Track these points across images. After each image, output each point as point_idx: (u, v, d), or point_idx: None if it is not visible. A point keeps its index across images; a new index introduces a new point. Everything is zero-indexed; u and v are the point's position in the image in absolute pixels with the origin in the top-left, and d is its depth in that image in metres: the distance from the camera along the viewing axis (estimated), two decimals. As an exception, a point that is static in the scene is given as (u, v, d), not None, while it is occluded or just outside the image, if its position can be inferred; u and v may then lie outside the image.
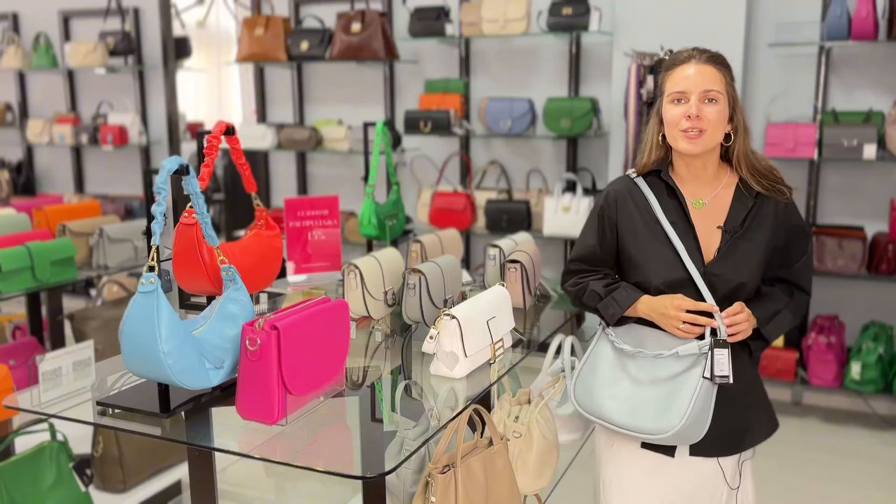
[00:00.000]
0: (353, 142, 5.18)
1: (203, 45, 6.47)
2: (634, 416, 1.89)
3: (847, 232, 4.20)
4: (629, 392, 1.92)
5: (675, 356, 1.88)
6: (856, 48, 4.23)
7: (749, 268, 1.92)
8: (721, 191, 1.97)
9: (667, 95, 1.91)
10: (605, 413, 1.95)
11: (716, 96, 1.87)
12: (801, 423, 4.26)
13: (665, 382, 1.88)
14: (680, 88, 1.88)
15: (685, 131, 1.87)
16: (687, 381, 1.85)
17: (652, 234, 1.95)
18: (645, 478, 1.99)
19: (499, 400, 2.31)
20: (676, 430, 1.83)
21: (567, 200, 4.55)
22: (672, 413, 1.84)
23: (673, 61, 1.94)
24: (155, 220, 1.57)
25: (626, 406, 1.91)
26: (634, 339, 1.96)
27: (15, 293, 3.20)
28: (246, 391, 1.60)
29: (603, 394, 1.96)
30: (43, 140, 6.23)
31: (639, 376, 1.92)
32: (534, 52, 4.92)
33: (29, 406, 1.82)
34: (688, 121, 1.86)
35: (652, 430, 1.87)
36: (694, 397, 1.83)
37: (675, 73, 1.91)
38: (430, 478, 1.76)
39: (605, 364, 1.99)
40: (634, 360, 1.94)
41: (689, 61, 1.90)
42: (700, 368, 1.85)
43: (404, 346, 2.30)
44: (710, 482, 1.98)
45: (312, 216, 2.65)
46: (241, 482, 3.32)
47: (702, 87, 1.86)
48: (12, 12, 6.50)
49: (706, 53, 1.92)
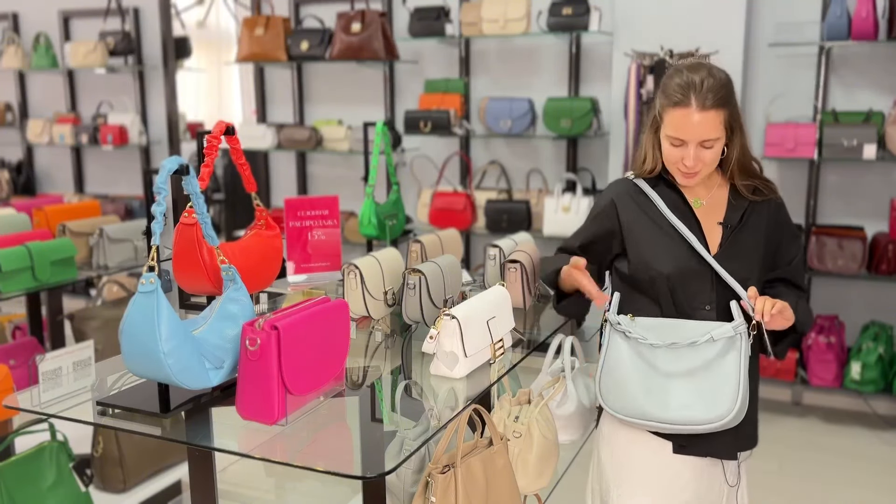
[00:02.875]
0: (353, 142, 5.19)
1: (203, 45, 6.46)
2: (683, 410, 1.86)
3: (847, 232, 4.20)
4: (668, 387, 1.89)
5: (711, 341, 1.87)
6: (856, 48, 4.23)
7: (751, 262, 1.94)
8: (717, 191, 2.00)
9: (665, 133, 1.89)
10: (649, 413, 1.90)
11: (714, 143, 1.87)
12: (801, 423, 4.26)
13: (702, 370, 1.87)
14: (679, 136, 1.85)
15: (681, 170, 1.91)
16: (726, 365, 1.85)
17: (659, 230, 1.96)
18: (664, 479, 1.99)
19: (499, 400, 2.31)
20: (735, 414, 1.83)
21: (567, 200, 4.55)
22: (722, 399, 1.84)
23: (673, 98, 1.85)
24: (155, 220, 1.56)
25: (672, 402, 1.87)
26: (658, 333, 1.93)
27: (15, 293, 3.20)
28: (246, 391, 1.59)
29: (637, 394, 1.91)
30: (43, 140, 6.23)
31: (670, 370, 1.89)
32: (534, 52, 4.92)
33: (29, 406, 1.82)
34: (685, 166, 1.88)
35: (706, 420, 1.85)
36: (741, 379, 1.84)
37: (674, 113, 1.84)
38: (430, 478, 1.76)
39: (628, 364, 1.95)
40: (661, 355, 1.91)
41: (690, 107, 1.82)
42: (736, 351, 1.85)
43: (404, 346, 2.30)
44: (712, 483, 1.99)
45: (312, 216, 2.64)
46: (241, 482, 3.32)
47: (700, 138, 1.84)
48: (12, 12, 6.50)
49: (709, 97, 1.82)
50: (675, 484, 1.98)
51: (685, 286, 1.92)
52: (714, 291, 1.92)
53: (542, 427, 2.20)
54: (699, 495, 1.99)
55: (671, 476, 1.98)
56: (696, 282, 1.91)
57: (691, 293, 1.93)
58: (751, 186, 1.98)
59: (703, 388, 1.86)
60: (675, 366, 1.90)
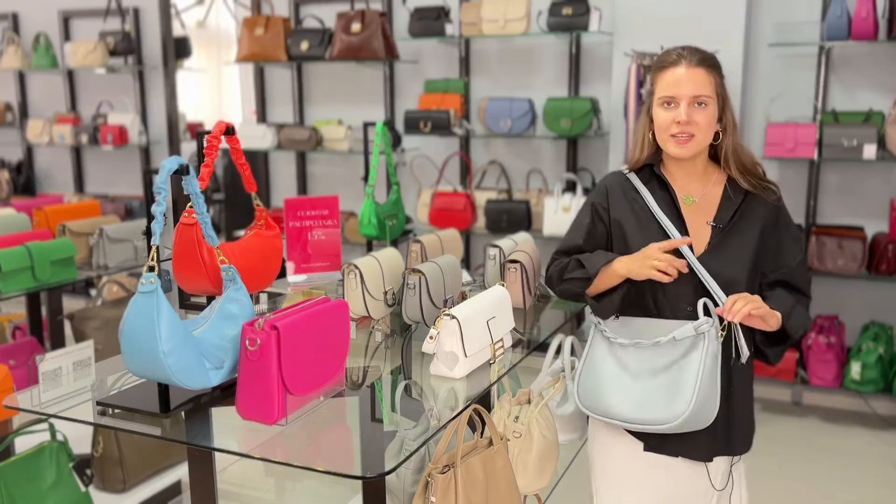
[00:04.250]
0: (353, 142, 5.19)
1: (203, 45, 6.47)
2: (642, 409, 1.88)
3: (847, 232, 4.20)
4: (632, 386, 1.91)
5: (673, 341, 1.86)
6: (856, 48, 4.23)
7: (739, 264, 1.92)
8: (710, 188, 1.99)
9: (657, 98, 1.91)
10: (613, 410, 1.93)
11: (706, 100, 1.87)
12: (801, 423, 4.26)
13: (666, 371, 1.87)
14: (670, 93, 1.87)
15: (675, 136, 1.89)
16: (688, 365, 1.85)
17: (646, 227, 1.96)
18: (638, 477, 2.00)
19: (499, 400, 2.31)
20: (686, 416, 1.81)
21: (567, 200, 4.55)
22: (679, 400, 1.83)
23: (663, 62, 1.92)
24: (155, 220, 1.56)
25: (632, 401, 1.90)
26: (629, 331, 1.95)
27: (15, 293, 3.20)
28: (246, 391, 1.59)
29: (606, 392, 1.94)
30: (43, 140, 6.23)
31: (637, 369, 1.91)
32: (534, 52, 4.92)
33: (29, 406, 1.82)
34: (678, 126, 1.87)
35: (661, 421, 1.85)
36: (699, 379, 1.82)
37: (665, 75, 1.90)
38: (430, 478, 1.76)
39: (604, 362, 1.98)
40: (631, 354, 1.93)
41: (679, 64, 1.88)
42: (699, 351, 1.84)
43: (404, 346, 2.30)
44: (695, 484, 1.98)
45: (312, 216, 2.65)
46: (241, 482, 3.32)
47: (692, 93, 1.86)
48: (12, 12, 6.50)
49: (696, 55, 1.89)
50: (652, 482, 1.98)
51: (667, 286, 1.90)
52: (697, 293, 1.90)
53: (542, 427, 2.20)
54: (678, 495, 1.98)
55: (646, 474, 1.98)
56: (678, 282, 1.89)
57: (674, 293, 1.92)
58: (751, 184, 1.97)
59: (664, 388, 1.87)
60: (641, 365, 1.91)
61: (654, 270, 1.85)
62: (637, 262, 1.89)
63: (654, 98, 1.92)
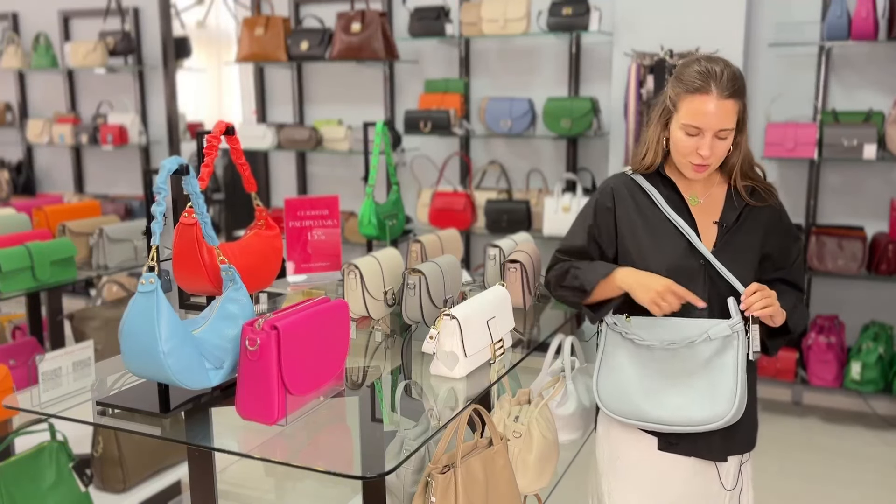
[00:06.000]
0: (353, 142, 5.19)
1: (203, 45, 6.46)
2: (682, 410, 1.87)
3: (847, 232, 4.20)
4: (665, 387, 1.90)
5: (707, 340, 1.87)
6: (856, 48, 4.23)
7: (745, 263, 1.94)
8: (714, 189, 2.00)
9: (680, 122, 1.86)
10: (651, 415, 1.91)
11: (729, 133, 1.86)
12: (801, 423, 4.26)
13: (700, 370, 1.88)
14: (696, 123, 1.83)
15: (693, 163, 1.88)
16: (724, 363, 1.86)
17: (656, 226, 1.96)
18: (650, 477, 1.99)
19: (499, 400, 2.31)
20: (734, 412, 1.84)
21: (567, 200, 4.54)
22: (721, 397, 1.85)
23: (691, 85, 1.83)
24: (155, 220, 1.56)
25: (672, 403, 1.88)
26: (652, 333, 1.93)
27: (15, 293, 3.19)
28: (246, 391, 1.59)
29: (637, 397, 1.92)
30: (43, 140, 6.23)
31: (668, 369, 1.90)
32: (534, 52, 4.92)
33: (29, 406, 1.82)
34: (699, 157, 1.86)
35: (707, 420, 1.86)
36: (739, 376, 1.84)
37: (693, 101, 1.83)
38: (430, 478, 1.76)
39: (626, 364, 1.96)
40: (660, 355, 1.92)
41: (710, 93, 1.81)
42: (733, 349, 1.86)
43: (404, 346, 2.30)
44: (706, 485, 1.98)
45: (312, 216, 2.65)
46: (241, 482, 3.32)
47: (718, 127, 1.83)
48: (12, 12, 6.50)
49: (728, 86, 1.82)
50: (664, 482, 1.98)
51: (681, 285, 1.90)
52: (708, 290, 1.91)
53: (542, 427, 2.20)
54: (690, 495, 1.98)
55: (660, 473, 1.98)
56: (690, 280, 1.90)
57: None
58: (749, 188, 1.98)
59: (702, 388, 1.87)
60: (672, 366, 1.90)
61: (654, 306, 1.86)
62: (642, 288, 1.88)
63: (676, 118, 1.87)
